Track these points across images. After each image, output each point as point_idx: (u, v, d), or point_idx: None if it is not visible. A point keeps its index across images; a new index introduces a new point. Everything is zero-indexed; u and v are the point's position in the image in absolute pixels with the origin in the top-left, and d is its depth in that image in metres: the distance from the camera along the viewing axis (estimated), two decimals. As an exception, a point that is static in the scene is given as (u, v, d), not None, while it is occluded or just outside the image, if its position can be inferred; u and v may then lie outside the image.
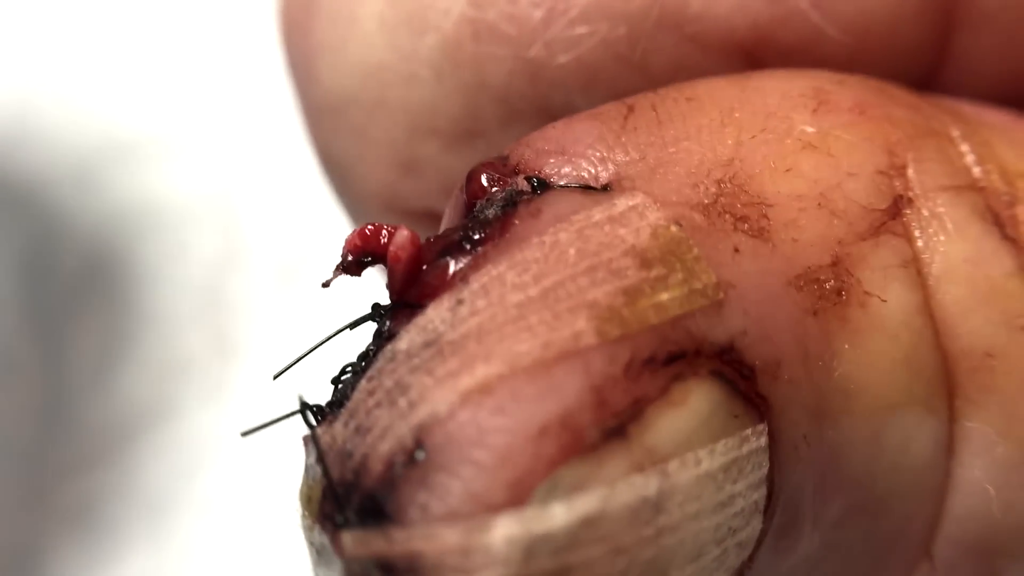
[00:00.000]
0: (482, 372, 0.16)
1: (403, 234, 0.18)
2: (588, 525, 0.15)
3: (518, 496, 0.15)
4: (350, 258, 0.19)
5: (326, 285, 0.20)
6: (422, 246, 0.18)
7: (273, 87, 0.42)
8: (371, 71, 0.24)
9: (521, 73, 0.23)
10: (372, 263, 0.19)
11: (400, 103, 0.24)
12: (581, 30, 0.22)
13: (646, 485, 0.15)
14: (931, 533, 0.20)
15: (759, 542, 0.18)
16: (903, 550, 0.20)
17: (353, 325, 0.21)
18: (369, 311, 0.20)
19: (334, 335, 0.21)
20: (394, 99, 0.24)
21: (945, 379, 0.19)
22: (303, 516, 0.17)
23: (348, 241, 0.19)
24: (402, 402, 0.16)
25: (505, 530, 0.14)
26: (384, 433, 0.16)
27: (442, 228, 0.20)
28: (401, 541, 0.15)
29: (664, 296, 0.17)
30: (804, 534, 0.19)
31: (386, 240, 0.18)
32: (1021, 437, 0.19)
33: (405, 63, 0.23)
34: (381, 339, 0.19)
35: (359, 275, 0.19)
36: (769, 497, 0.18)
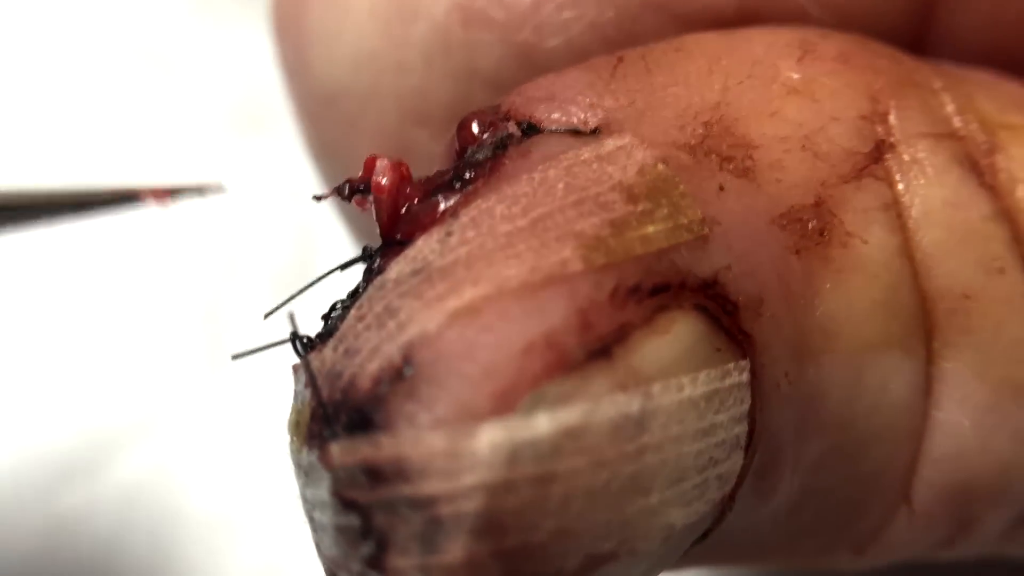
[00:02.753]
0: (470, 294, 0.16)
1: (383, 162, 0.19)
2: (571, 436, 0.15)
3: (504, 406, 0.15)
4: (346, 186, 0.19)
5: (318, 199, 0.20)
6: (407, 176, 0.19)
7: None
8: (363, 60, 0.24)
9: (511, 58, 0.23)
10: (364, 192, 0.19)
11: (392, 91, 0.24)
12: (569, 14, 0.22)
13: (629, 403, 0.16)
14: (909, 476, 0.20)
15: (740, 480, 0.18)
16: (882, 494, 0.20)
17: (344, 267, 0.21)
18: (359, 254, 0.20)
19: (325, 276, 0.21)
20: (386, 87, 0.24)
21: (923, 320, 0.19)
22: (291, 442, 0.18)
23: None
24: (391, 324, 0.17)
25: (490, 436, 0.15)
26: (373, 353, 0.16)
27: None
28: (388, 447, 0.15)
29: (650, 229, 0.17)
30: (784, 476, 0.20)
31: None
32: (997, 378, 0.19)
33: (396, 51, 0.24)
34: (371, 276, 0.19)
35: (348, 200, 0.20)
36: (750, 435, 0.18)
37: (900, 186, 0.19)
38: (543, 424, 0.15)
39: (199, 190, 0.19)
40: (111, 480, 0.41)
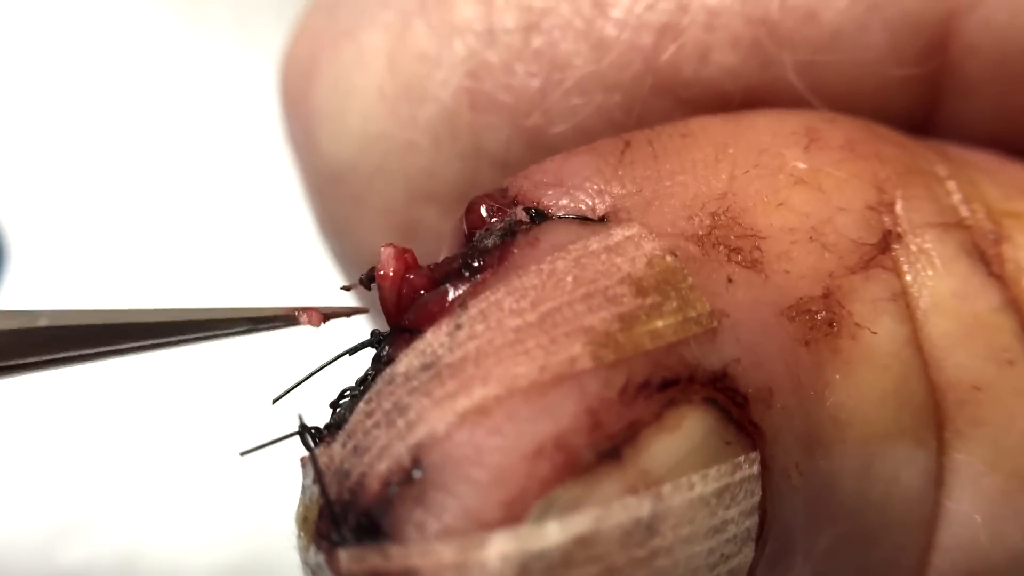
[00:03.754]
0: (480, 394, 0.16)
1: (388, 251, 0.19)
2: (582, 544, 0.15)
3: (513, 514, 0.15)
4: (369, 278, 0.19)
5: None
6: (412, 265, 0.19)
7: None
8: (371, 139, 0.25)
9: (519, 140, 0.23)
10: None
11: (399, 170, 0.25)
12: (577, 100, 0.22)
13: (640, 507, 0.16)
14: (922, 566, 0.20)
15: (751, 570, 0.18)
16: (894, 582, 0.20)
17: (352, 351, 0.21)
18: (368, 337, 0.20)
19: (333, 360, 0.21)
20: (393, 166, 0.25)
21: (934, 411, 0.19)
22: (299, 537, 0.17)
23: None
24: (400, 423, 0.16)
25: (500, 547, 0.15)
26: (382, 453, 0.16)
27: (441, 258, 0.21)
28: (397, 557, 0.15)
29: (659, 323, 0.17)
30: (796, 564, 0.19)
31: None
32: (1008, 469, 0.19)
33: (404, 132, 0.24)
34: (380, 364, 0.19)
35: (369, 289, 0.20)
36: (761, 525, 0.18)
37: (908, 277, 0.19)
38: (553, 533, 0.15)
39: (349, 312, 0.20)
40: (109, 538, 0.41)
